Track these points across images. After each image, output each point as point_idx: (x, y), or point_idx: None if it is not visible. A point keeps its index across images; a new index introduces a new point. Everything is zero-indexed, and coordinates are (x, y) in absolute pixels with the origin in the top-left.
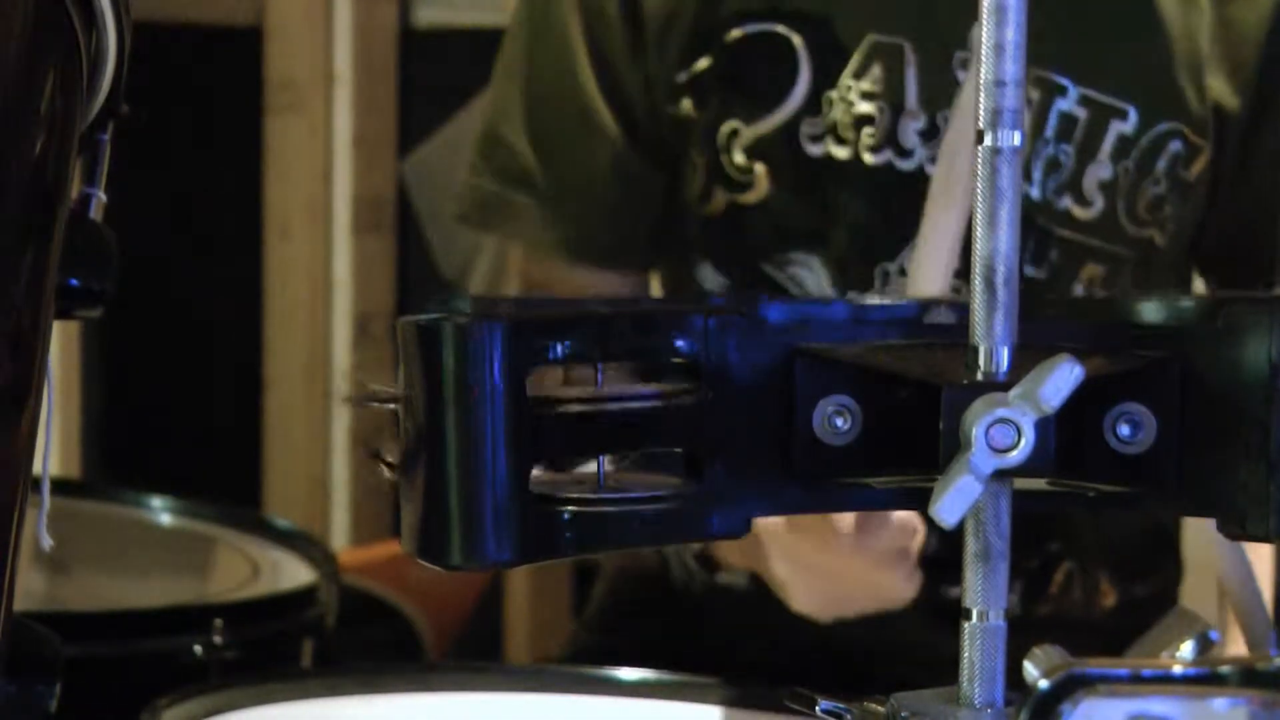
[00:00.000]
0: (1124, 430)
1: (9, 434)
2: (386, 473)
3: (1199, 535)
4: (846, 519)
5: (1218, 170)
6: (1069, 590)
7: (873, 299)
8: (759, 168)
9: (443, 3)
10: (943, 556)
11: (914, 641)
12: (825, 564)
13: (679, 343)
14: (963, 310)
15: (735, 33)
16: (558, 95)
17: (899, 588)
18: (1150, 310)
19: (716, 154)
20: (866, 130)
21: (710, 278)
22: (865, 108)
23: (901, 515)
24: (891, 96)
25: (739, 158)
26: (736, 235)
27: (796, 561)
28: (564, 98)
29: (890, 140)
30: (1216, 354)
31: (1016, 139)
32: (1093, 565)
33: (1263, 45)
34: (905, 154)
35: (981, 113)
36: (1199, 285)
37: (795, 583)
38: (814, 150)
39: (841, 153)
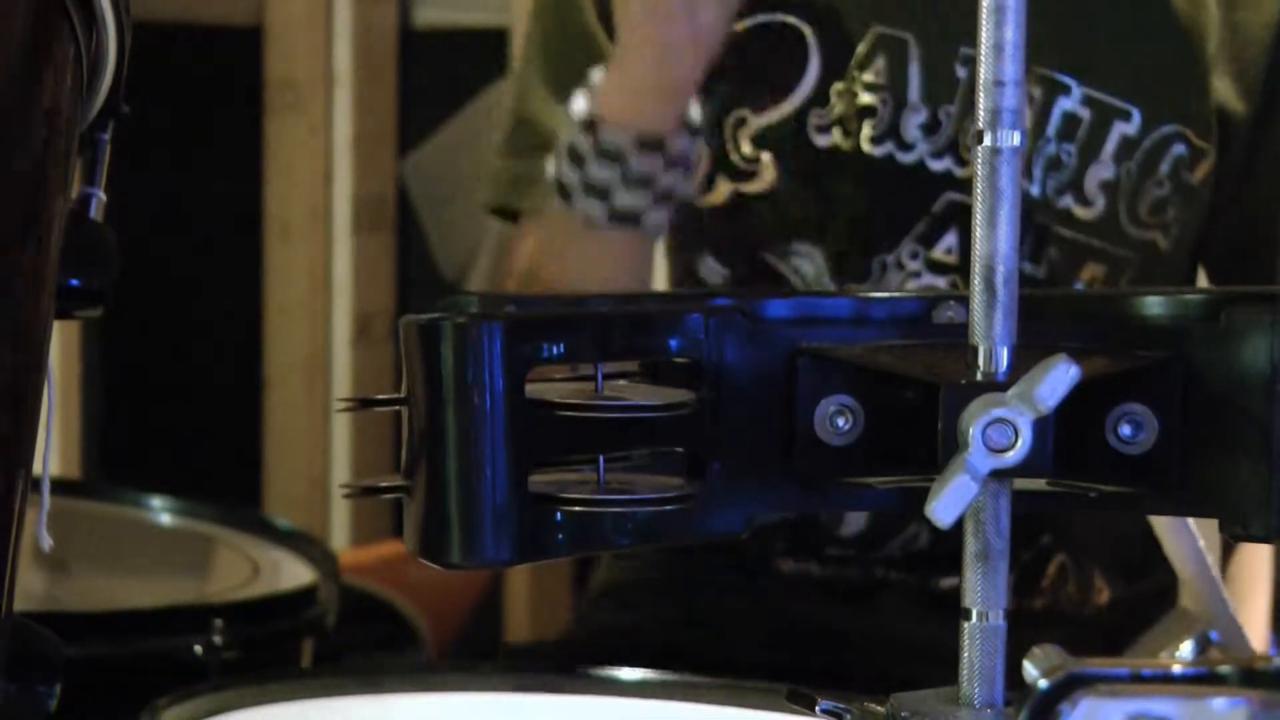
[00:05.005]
0: (1125, 430)
1: (9, 433)
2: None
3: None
4: None
5: (1222, 175)
6: (1062, 584)
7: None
8: (765, 157)
9: (443, 3)
10: (933, 549)
11: (904, 631)
12: None
13: (679, 342)
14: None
15: (744, 22)
16: (572, 51)
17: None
18: (1151, 309)
19: (722, 143)
20: (869, 122)
21: (711, 268)
22: (868, 99)
23: None
24: (894, 89)
25: (745, 147)
26: (739, 225)
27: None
28: (578, 53)
29: (892, 133)
30: (1218, 354)
31: (1016, 139)
32: (1086, 560)
33: (1269, 50)
34: (906, 147)
35: (981, 113)
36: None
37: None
38: (820, 141)
39: (845, 144)
